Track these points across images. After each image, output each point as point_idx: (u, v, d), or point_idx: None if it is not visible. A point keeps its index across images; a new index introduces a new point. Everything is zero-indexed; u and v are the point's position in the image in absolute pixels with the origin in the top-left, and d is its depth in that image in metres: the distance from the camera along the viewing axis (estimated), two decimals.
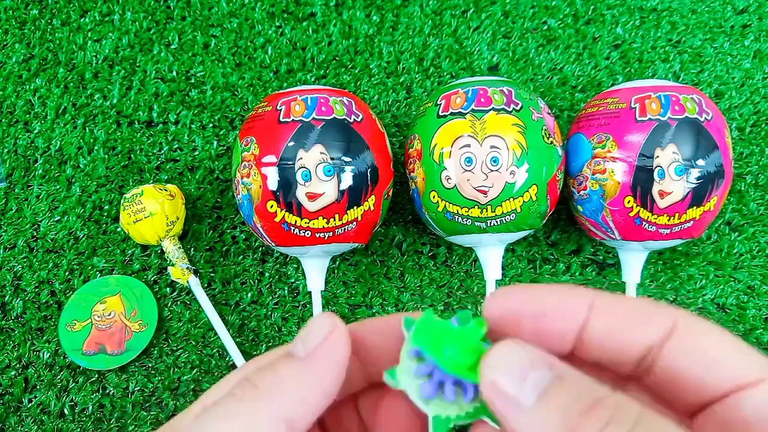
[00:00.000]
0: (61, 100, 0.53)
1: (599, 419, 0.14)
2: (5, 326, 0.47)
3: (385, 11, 0.55)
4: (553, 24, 0.55)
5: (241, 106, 0.53)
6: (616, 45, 0.55)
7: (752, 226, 0.49)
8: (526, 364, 0.16)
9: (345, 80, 0.54)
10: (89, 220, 0.50)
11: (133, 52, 0.54)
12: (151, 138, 0.52)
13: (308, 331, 0.18)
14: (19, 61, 0.54)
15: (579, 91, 0.53)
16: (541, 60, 0.54)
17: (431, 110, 0.42)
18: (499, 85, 0.41)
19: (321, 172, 0.39)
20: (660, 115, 0.39)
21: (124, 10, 0.56)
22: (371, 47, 0.54)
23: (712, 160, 0.39)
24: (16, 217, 0.50)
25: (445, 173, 0.40)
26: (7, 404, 0.45)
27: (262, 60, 0.54)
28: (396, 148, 0.51)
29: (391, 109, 0.53)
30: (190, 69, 0.54)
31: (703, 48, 0.54)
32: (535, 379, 0.15)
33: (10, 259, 0.49)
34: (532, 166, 0.40)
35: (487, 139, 0.39)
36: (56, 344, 0.46)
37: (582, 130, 0.43)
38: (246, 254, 0.49)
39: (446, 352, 0.17)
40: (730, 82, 0.53)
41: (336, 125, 0.40)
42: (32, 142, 0.52)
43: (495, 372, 0.16)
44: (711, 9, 0.55)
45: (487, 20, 0.55)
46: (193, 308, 0.48)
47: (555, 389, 0.15)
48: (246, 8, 0.56)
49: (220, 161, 0.51)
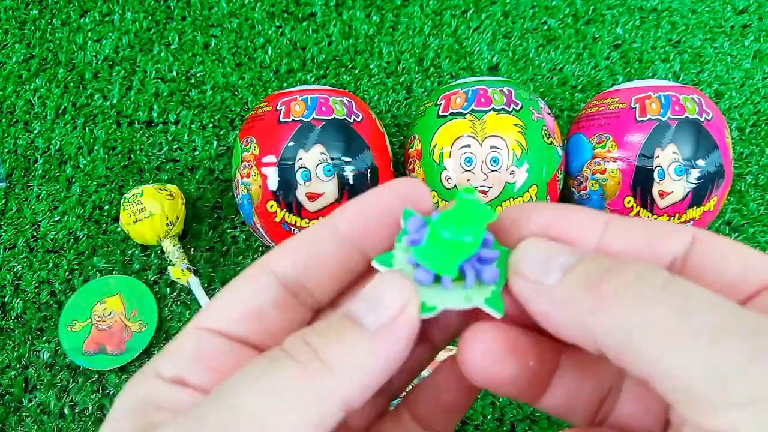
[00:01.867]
0: (61, 100, 0.53)
1: (626, 275, 0.13)
2: (5, 326, 0.47)
3: (385, 11, 0.55)
4: (553, 24, 0.55)
5: (241, 106, 0.53)
6: (616, 45, 0.55)
7: (752, 226, 0.49)
8: (553, 250, 0.15)
9: (345, 80, 0.54)
10: (89, 220, 0.50)
11: (133, 52, 0.54)
12: (151, 138, 0.52)
13: (380, 298, 0.15)
14: (19, 61, 0.54)
15: (579, 91, 0.53)
16: (541, 60, 0.54)
17: (431, 110, 0.42)
18: (499, 85, 0.41)
19: (321, 172, 0.39)
20: (660, 115, 0.39)
21: (124, 10, 0.56)
22: (371, 47, 0.54)
23: (712, 160, 0.39)
24: (16, 217, 0.50)
25: (445, 173, 0.40)
26: (7, 404, 0.45)
27: (262, 60, 0.54)
28: (396, 148, 0.51)
29: (391, 109, 0.53)
30: (190, 69, 0.54)
31: (703, 48, 0.54)
32: (561, 262, 0.15)
33: (10, 259, 0.49)
34: (532, 166, 0.40)
35: (487, 139, 0.39)
36: (56, 344, 0.46)
37: (582, 130, 0.43)
38: (246, 254, 0.49)
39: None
40: (730, 82, 0.53)
41: (336, 125, 0.40)
42: (32, 142, 0.52)
43: (522, 260, 0.15)
44: (711, 9, 0.55)
45: (487, 20, 0.55)
46: (193, 308, 0.48)
47: (580, 264, 0.14)
48: (246, 8, 0.56)
49: (220, 161, 0.51)
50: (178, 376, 0.15)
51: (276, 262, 0.17)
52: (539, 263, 0.15)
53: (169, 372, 0.15)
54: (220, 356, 0.16)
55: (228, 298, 0.17)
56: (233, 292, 0.17)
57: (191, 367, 0.16)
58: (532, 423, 0.45)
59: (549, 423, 0.45)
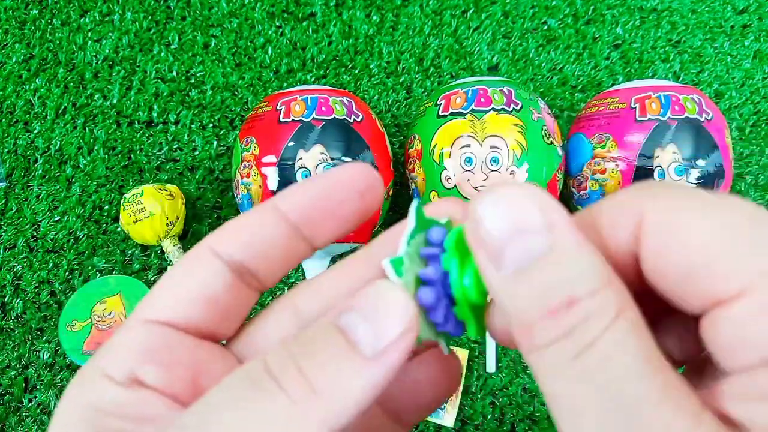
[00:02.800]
0: (61, 100, 0.53)
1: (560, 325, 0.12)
2: (5, 326, 0.47)
3: (385, 11, 0.55)
4: (553, 24, 0.55)
5: (241, 106, 0.53)
6: (616, 45, 0.55)
7: None
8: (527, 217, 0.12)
9: (345, 80, 0.54)
10: (89, 220, 0.50)
11: (133, 52, 0.54)
12: (151, 138, 0.52)
13: (380, 320, 0.14)
14: (19, 61, 0.54)
15: (579, 91, 0.53)
16: (541, 60, 0.54)
17: (431, 110, 0.42)
18: (499, 85, 0.41)
19: (321, 172, 0.39)
20: (660, 115, 0.39)
21: (124, 10, 0.56)
22: (371, 47, 0.54)
23: (712, 160, 0.39)
24: (16, 217, 0.50)
25: (445, 173, 0.40)
26: (7, 404, 0.45)
27: (262, 60, 0.54)
28: (396, 148, 0.51)
29: (391, 109, 0.53)
30: (190, 69, 0.54)
31: (703, 48, 0.54)
32: (524, 248, 0.12)
33: (10, 259, 0.49)
34: (532, 166, 0.40)
35: (487, 139, 0.39)
36: (56, 344, 0.46)
37: (582, 130, 0.43)
38: None
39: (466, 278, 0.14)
40: (730, 82, 0.53)
41: (336, 125, 0.40)
42: (32, 142, 0.52)
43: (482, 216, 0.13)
44: (711, 9, 0.55)
45: (487, 20, 0.55)
46: None
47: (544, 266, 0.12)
48: (246, 8, 0.56)
49: (220, 161, 0.51)
50: (130, 375, 0.14)
51: (219, 245, 0.15)
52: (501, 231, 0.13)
53: (120, 372, 0.14)
54: (172, 349, 0.14)
55: (170, 285, 0.15)
56: (176, 279, 0.15)
57: (144, 365, 0.14)
58: (532, 423, 0.45)
59: (549, 423, 0.45)
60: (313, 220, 0.16)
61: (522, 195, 0.13)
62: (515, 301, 0.13)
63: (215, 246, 0.15)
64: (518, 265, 0.12)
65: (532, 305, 0.12)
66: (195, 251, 0.15)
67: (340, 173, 0.16)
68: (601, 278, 0.12)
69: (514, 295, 0.13)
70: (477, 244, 0.13)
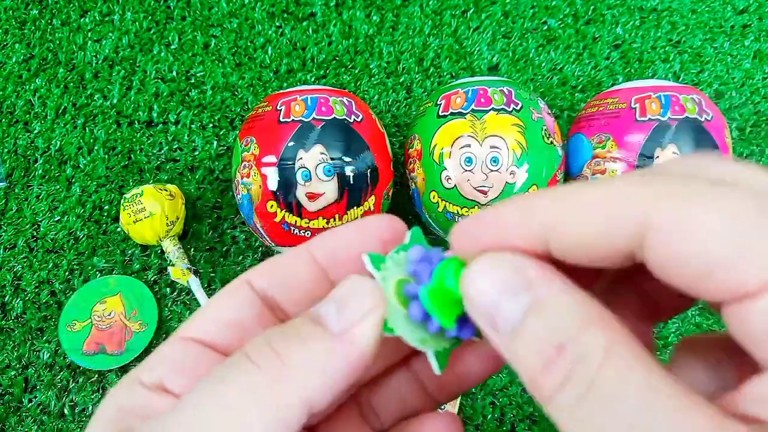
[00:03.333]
0: (61, 100, 0.53)
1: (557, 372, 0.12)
2: (5, 326, 0.47)
3: (385, 11, 0.55)
4: (553, 24, 0.55)
5: (241, 106, 0.53)
6: (616, 45, 0.55)
7: None
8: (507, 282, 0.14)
9: (345, 80, 0.54)
10: (89, 220, 0.50)
11: (133, 52, 0.54)
12: (151, 138, 0.52)
13: (346, 301, 0.15)
14: (19, 61, 0.54)
15: (579, 91, 0.53)
16: (541, 60, 0.54)
17: (431, 110, 0.42)
18: (499, 85, 0.41)
19: (321, 172, 0.39)
20: (660, 116, 0.39)
21: (124, 10, 0.56)
22: (371, 47, 0.54)
23: None
24: (16, 217, 0.50)
25: (445, 173, 0.40)
26: (7, 404, 0.45)
27: (262, 60, 0.54)
28: (396, 148, 0.51)
29: (391, 109, 0.53)
30: (190, 69, 0.54)
31: (703, 48, 0.54)
32: (510, 309, 0.14)
33: (10, 259, 0.49)
34: (532, 166, 0.40)
35: (487, 139, 0.39)
36: (56, 344, 0.46)
37: (582, 130, 0.43)
38: (246, 254, 0.49)
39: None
40: (730, 82, 0.53)
41: (336, 125, 0.40)
42: (32, 142, 0.52)
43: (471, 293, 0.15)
44: (711, 9, 0.55)
45: (487, 20, 0.55)
46: (193, 308, 0.48)
47: (530, 321, 0.13)
48: (246, 8, 0.56)
49: (220, 161, 0.51)
50: (158, 382, 0.16)
51: (255, 279, 0.18)
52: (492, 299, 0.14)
53: (150, 378, 0.16)
54: (201, 364, 0.16)
55: (210, 309, 0.17)
56: (215, 305, 0.17)
57: (172, 375, 0.16)
58: (532, 423, 0.45)
59: (549, 423, 0.45)
60: (339, 264, 0.18)
61: (497, 262, 0.14)
62: (518, 359, 0.14)
63: (252, 280, 0.18)
64: (511, 325, 0.14)
65: (533, 359, 0.13)
66: (235, 282, 0.18)
67: (367, 223, 0.18)
68: (582, 319, 0.13)
69: (516, 353, 0.14)
70: (477, 317, 0.15)
